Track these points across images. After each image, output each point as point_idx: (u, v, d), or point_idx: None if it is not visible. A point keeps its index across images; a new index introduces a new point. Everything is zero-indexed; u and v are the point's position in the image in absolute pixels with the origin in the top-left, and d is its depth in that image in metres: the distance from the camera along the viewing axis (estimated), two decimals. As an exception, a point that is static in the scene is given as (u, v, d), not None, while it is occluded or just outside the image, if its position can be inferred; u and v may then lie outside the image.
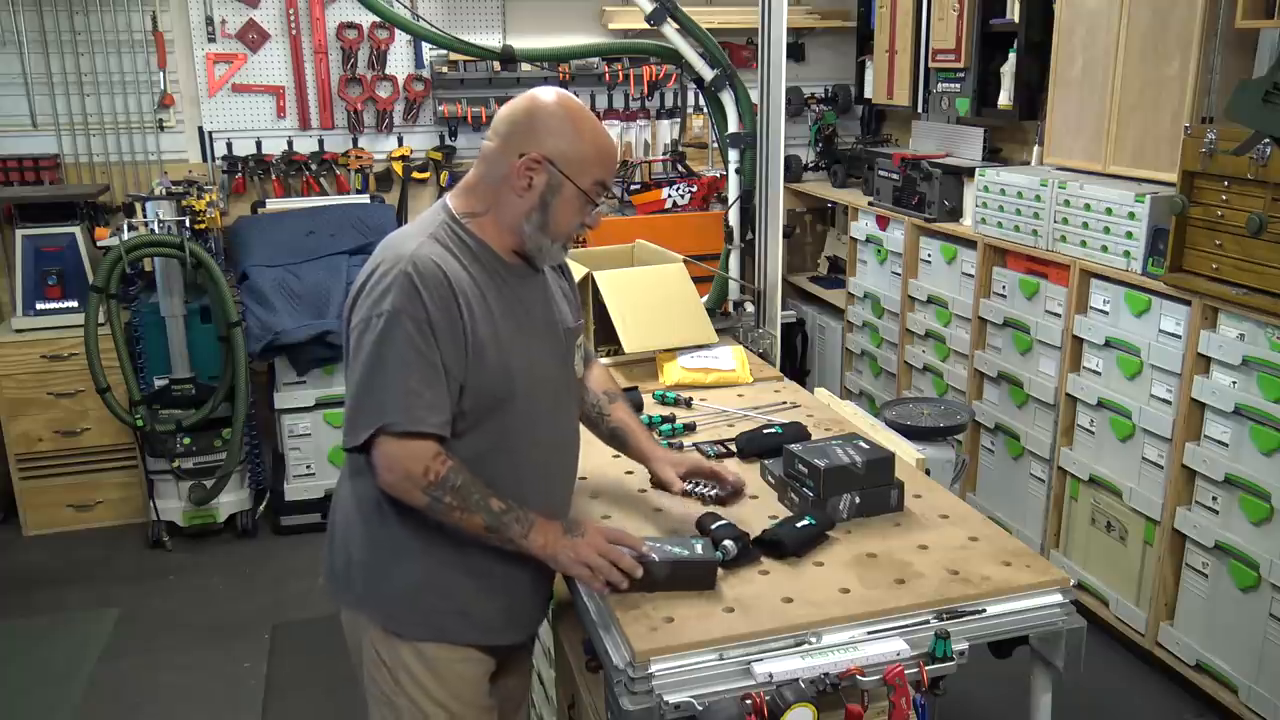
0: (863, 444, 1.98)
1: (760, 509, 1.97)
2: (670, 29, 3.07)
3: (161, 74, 4.36)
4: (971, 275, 3.77)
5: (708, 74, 3.10)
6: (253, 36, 4.44)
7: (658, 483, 1.99)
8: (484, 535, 1.65)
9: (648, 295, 2.81)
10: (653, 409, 2.48)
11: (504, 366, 1.67)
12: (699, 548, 1.69)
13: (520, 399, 1.70)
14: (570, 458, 1.89)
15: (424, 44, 4.52)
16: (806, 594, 1.65)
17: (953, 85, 4.09)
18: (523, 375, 1.70)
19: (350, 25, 4.49)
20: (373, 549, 1.73)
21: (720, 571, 1.70)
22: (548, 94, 1.71)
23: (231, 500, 4.08)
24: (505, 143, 1.68)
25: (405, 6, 3.71)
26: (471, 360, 1.63)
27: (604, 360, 2.81)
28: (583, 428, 1.97)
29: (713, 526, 1.77)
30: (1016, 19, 3.74)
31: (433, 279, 1.60)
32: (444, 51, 4.39)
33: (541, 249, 1.72)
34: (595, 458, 2.11)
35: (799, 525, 1.80)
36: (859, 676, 1.52)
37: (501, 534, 1.65)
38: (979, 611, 1.65)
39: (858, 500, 1.91)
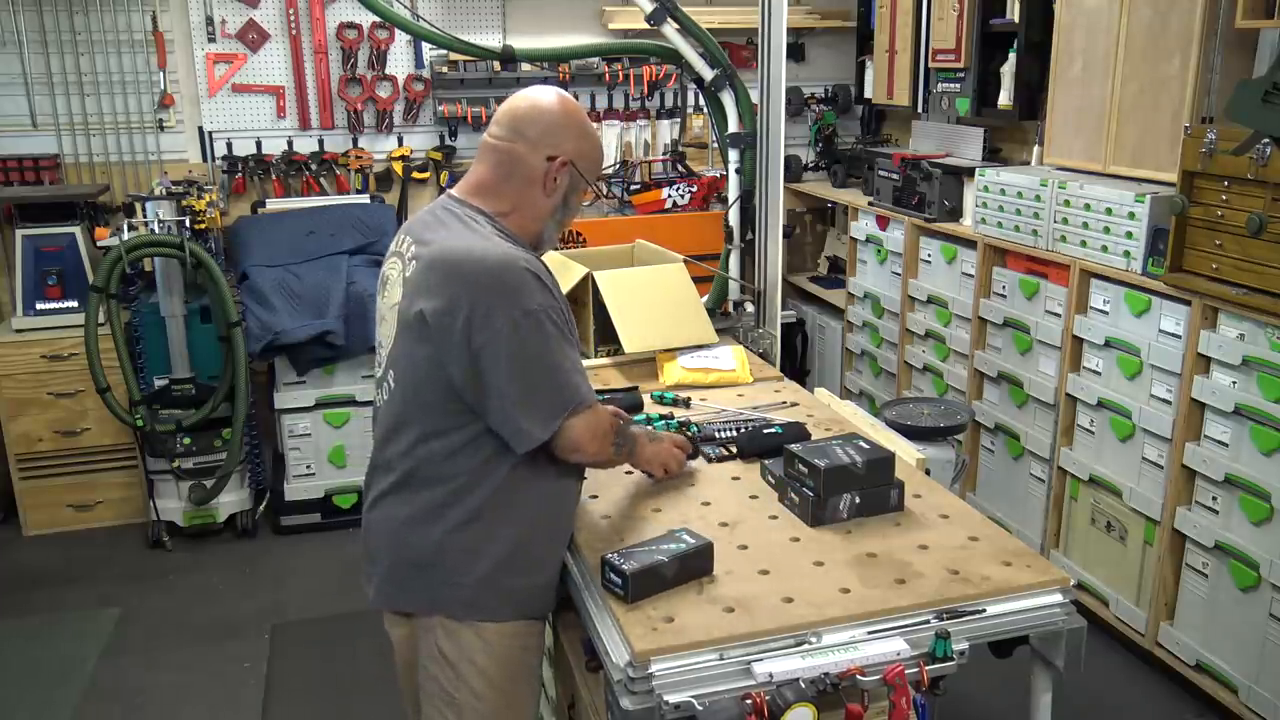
0: (863, 444, 1.98)
1: (760, 509, 1.97)
2: (670, 29, 3.07)
3: (161, 74, 4.36)
4: (971, 275, 3.77)
5: (708, 74, 3.10)
6: (253, 36, 4.44)
7: None
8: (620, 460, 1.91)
9: (648, 295, 2.81)
10: (652, 409, 2.47)
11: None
12: (687, 538, 1.72)
13: None
14: None
15: (424, 44, 4.52)
16: (807, 594, 1.65)
17: (953, 85, 4.09)
18: None
19: (350, 25, 4.49)
20: (443, 550, 1.77)
21: (715, 573, 1.71)
22: (550, 95, 1.81)
23: (231, 500, 4.08)
24: (528, 143, 1.77)
25: (405, 6, 3.70)
26: None
27: (604, 360, 2.82)
28: None
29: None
30: (1016, 19, 3.74)
31: (544, 273, 1.73)
32: (444, 51, 4.39)
33: (552, 240, 1.89)
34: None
35: (766, 431, 2.11)
36: (859, 676, 1.52)
37: (627, 449, 1.91)
38: (979, 611, 1.65)
39: (858, 500, 1.91)
